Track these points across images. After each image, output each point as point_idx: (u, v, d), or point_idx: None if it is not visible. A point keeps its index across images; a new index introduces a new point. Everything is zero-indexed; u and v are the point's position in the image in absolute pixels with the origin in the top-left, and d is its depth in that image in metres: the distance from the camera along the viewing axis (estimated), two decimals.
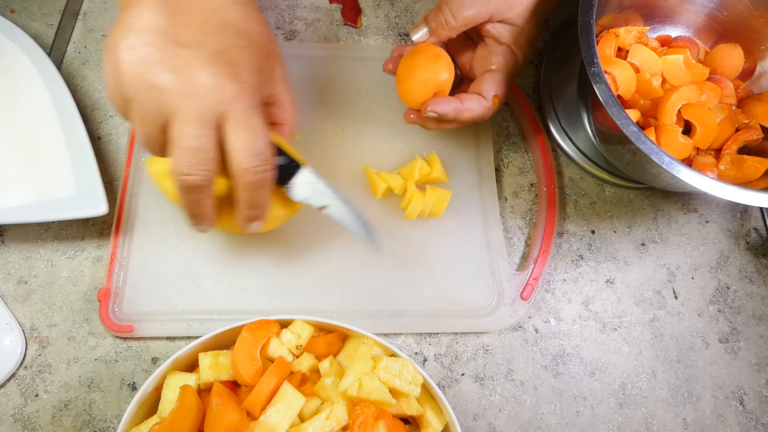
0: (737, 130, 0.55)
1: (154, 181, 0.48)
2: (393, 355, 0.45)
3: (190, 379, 0.44)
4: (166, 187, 0.48)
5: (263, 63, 0.39)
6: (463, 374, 0.54)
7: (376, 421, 0.41)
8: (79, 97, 0.61)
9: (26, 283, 0.54)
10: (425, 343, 0.55)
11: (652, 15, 0.60)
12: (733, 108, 0.56)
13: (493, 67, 0.52)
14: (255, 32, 0.39)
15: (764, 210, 0.60)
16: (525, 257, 0.59)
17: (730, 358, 0.57)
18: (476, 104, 0.51)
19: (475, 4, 0.49)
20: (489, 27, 0.51)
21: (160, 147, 0.37)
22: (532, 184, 0.62)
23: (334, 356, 0.47)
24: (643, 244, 0.61)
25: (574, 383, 0.55)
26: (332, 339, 0.47)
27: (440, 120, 0.51)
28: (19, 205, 0.52)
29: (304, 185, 0.45)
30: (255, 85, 0.38)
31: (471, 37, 0.55)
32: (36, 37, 0.57)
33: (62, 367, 0.51)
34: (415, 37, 0.51)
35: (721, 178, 0.54)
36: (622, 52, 0.57)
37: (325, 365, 0.45)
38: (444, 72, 0.50)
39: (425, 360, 0.54)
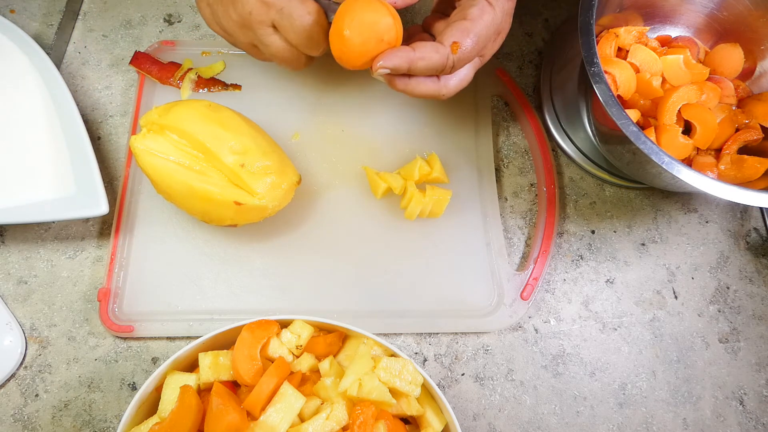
0: (737, 130, 0.55)
1: (138, 158, 0.48)
2: (393, 355, 0.45)
3: (190, 379, 0.44)
4: (149, 163, 0.48)
5: None
6: (463, 374, 0.54)
7: (376, 421, 0.41)
8: (79, 97, 0.61)
9: (26, 283, 0.54)
10: (425, 343, 0.55)
11: (652, 15, 0.60)
12: (733, 108, 0.56)
13: (466, 17, 0.45)
14: None
15: (764, 210, 0.60)
16: (525, 257, 0.59)
17: (730, 358, 0.57)
18: (431, 51, 0.43)
19: None
20: None
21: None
22: (532, 184, 0.62)
23: (334, 356, 0.47)
24: (643, 244, 0.61)
25: (574, 383, 0.55)
26: (332, 339, 0.47)
27: (395, 76, 0.45)
28: (19, 205, 0.52)
29: None
30: None
31: (446, 13, 0.48)
32: (36, 37, 0.57)
33: (62, 367, 0.51)
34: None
35: (721, 178, 0.54)
36: (622, 52, 0.57)
37: (325, 365, 0.45)
38: (386, 16, 0.42)
39: (425, 360, 0.54)
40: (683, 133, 0.53)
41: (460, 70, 0.47)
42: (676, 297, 0.59)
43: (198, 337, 0.44)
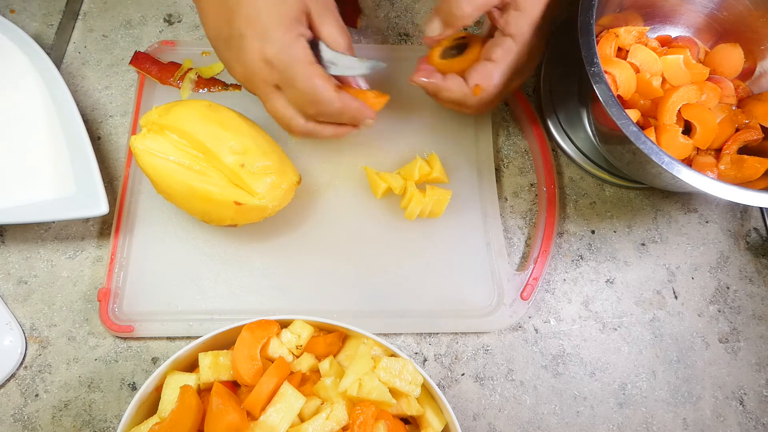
0: (737, 130, 0.55)
1: (138, 158, 0.48)
2: (393, 355, 0.45)
3: (190, 379, 0.44)
4: (149, 163, 0.48)
5: None
6: (463, 374, 0.54)
7: (376, 421, 0.41)
8: (79, 97, 0.61)
9: (26, 283, 0.54)
10: (425, 343, 0.55)
11: (652, 15, 0.60)
12: (733, 108, 0.56)
13: (491, 58, 0.50)
14: None
15: (764, 210, 0.60)
16: (525, 257, 0.59)
17: (730, 358, 0.57)
18: (456, 86, 0.50)
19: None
20: (496, 15, 0.49)
21: None
22: (532, 184, 0.62)
23: (334, 356, 0.47)
24: (643, 244, 0.61)
25: (574, 383, 0.55)
26: (332, 339, 0.47)
27: (430, 93, 0.52)
28: (19, 205, 0.52)
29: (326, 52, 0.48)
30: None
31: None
32: (36, 37, 0.57)
33: (62, 367, 0.51)
34: (430, 32, 0.50)
35: (721, 178, 0.54)
36: (622, 52, 0.57)
37: (325, 365, 0.45)
38: None
39: (425, 360, 0.54)
40: (683, 133, 0.53)
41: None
42: (676, 297, 0.59)
43: (198, 337, 0.44)
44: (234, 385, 0.45)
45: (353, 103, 0.48)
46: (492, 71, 0.49)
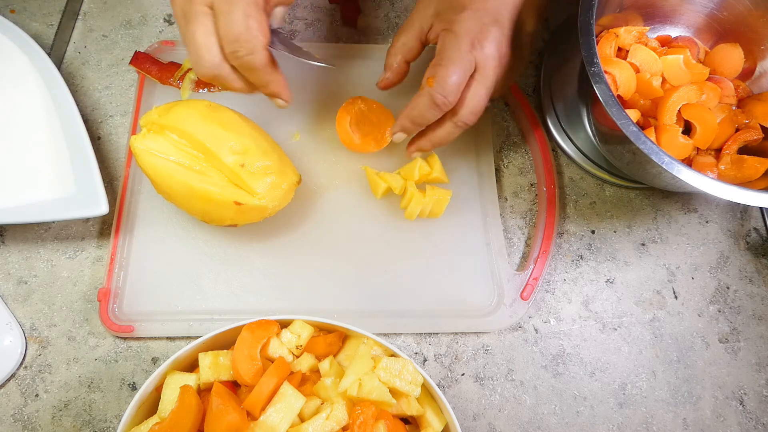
0: (737, 130, 0.55)
1: (138, 158, 0.48)
2: (393, 355, 0.45)
3: (190, 379, 0.44)
4: (149, 163, 0.48)
5: None
6: (463, 374, 0.54)
7: (376, 421, 0.41)
8: (79, 97, 0.61)
9: (26, 283, 0.54)
10: (425, 343, 0.55)
11: (652, 15, 0.60)
12: (733, 108, 0.56)
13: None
14: None
15: (764, 210, 0.60)
16: (525, 257, 0.59)
17: (730, 358, 0.57)
18: (416, 97, 0.49)
19: (408, 26, 0.51)
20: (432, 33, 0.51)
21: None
22: (532, 184, 0.62)
23: (334, 356, 0.47)
24: (643, 244, 0.61)
25: (574, 383, 0.55)
26: (332, 339, 0.47)
27: (416, 139, 0.54)
28: (19, 205, 0.52)
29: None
30: None
31: None
32: (36, 37, 0.57)
33: (62, 367, 0.51)
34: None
35: (721, 178, 0.54)
36: (622, 52, 0.57)
37: (325, 365, 0.45)
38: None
39: (425, 360, 0.54)
40: (683, 133, 0.53)
41: (468, 97, 0.49)
42: (676, 297, 0.59)
43: (198, 337, 0.44)
44: (234, 385, 0.45)
45: (277, 74, 0.46)
46: (437, 61, 0.48)
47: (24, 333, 0.52)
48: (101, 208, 0.51)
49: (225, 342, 0.45)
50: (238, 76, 0.45)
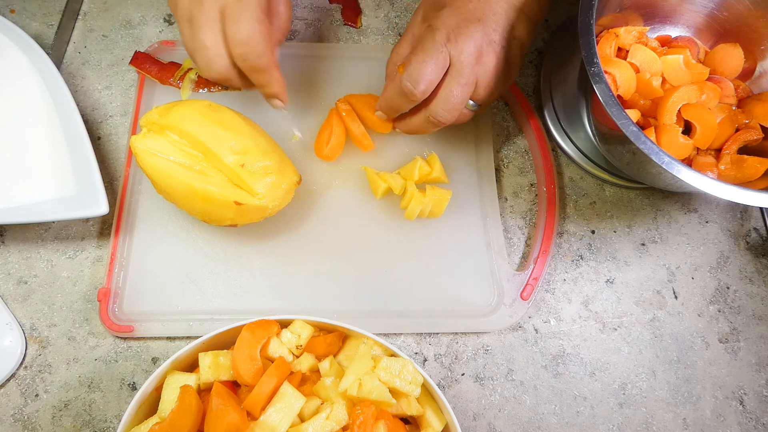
0: (737, 130, 0.55)
1: (138, 158, 0.48)
2: (393, 355, 0.45)
3: (190, 379, 0.44)
4: (149, 164, 0.48)
5: None
6: (463, 374, 0.54)
7: (376, 421, 0.41)
8: (79, 97, 0.61)
9: (26, 283, 0.54)
10: (425, 343, 0.55)
11: (652, 15, 0.60)
12: (733, 108, 0.56)
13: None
14: None
15: (764, 210, 0.60)
16: (525, 257, 0.59)
17: (730, 358, 0.57)
18: (389, 83, 0.51)
19: (404, 35, 0.52)
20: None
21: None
22: (532, 184, 0.62)
23: (334, 356, 0.47)
24: (643, 244, 0.61)
25: (574, 383, 0.55)
26: (332, 339, 0.47)
27: (394, 120, 0.55)
28: (19, 205, 0.52)
29: None
30: None
31: None
32: (36, 37, 0.57)
33: (62, 367, 0.51)
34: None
35: (721, 178, 0.54)
36: (622, 52, 0.57)
37: (325, 365, 0.45)
38: None
39: (425, 360, 0.54)
40: (683, 133, 0.53)
41: (440, 92, 0.48)
42: (676, 297, 0.59)
43: (198, 337, 0.44)
44: (234, 385, 0.45)
45: (278, 75, 0.48)
46: (412, 51, 0.49)
47: (24, 333, 0.52)
48: (101, 208, 0.51)
49: (225, 342, 0.45)
50: (242, 76, 0.47)
